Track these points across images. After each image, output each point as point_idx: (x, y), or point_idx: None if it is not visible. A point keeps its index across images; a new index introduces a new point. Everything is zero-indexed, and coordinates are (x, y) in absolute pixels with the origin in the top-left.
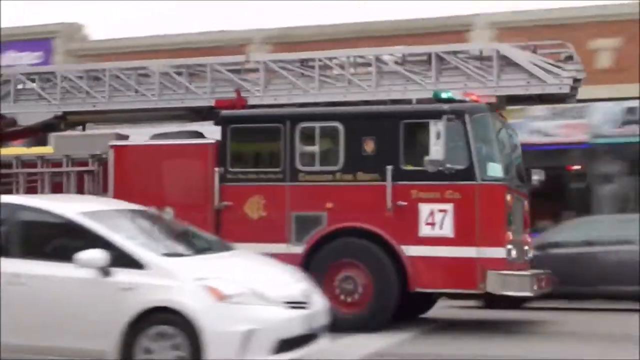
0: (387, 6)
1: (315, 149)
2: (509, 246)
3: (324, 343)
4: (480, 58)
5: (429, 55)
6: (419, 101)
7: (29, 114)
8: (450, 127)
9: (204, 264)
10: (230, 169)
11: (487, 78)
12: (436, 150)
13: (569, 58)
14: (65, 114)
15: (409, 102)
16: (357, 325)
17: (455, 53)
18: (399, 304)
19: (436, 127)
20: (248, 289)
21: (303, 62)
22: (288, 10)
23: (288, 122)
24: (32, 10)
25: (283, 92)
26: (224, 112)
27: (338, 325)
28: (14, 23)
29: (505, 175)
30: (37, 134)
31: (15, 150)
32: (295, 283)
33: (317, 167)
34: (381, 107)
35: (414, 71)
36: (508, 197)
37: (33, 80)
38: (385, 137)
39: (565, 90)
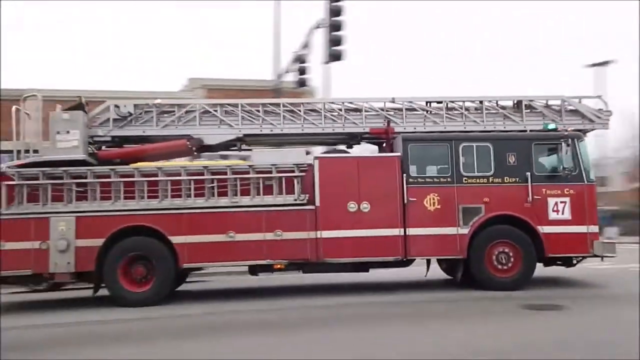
0: None
1: (473, 160)
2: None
3: None
4: (547, 106)
5: (519, 101)
6: (531, 131)
7: (214, 136)
8: (568, 147)
9: None
10: (412, 175)
11: (556, 118)
12: (566, 162)
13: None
14: (245, 135)
15: (523, 131)
16: (510, 286)
17: (533, 101)
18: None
19: (564, 147)
20: None
21: (427, 103)
22: None
23: (453, 142)
24: None
25: (419, 122)
26: (405, 133)
27: (495, 288)
28: None
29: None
30: (217, 151)
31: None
32: None
33: (476, 173)
34: (519, 134)
35: (507, 113)
36: None
37: (216, 110)
38: (522, 153)
39: (607, 127)
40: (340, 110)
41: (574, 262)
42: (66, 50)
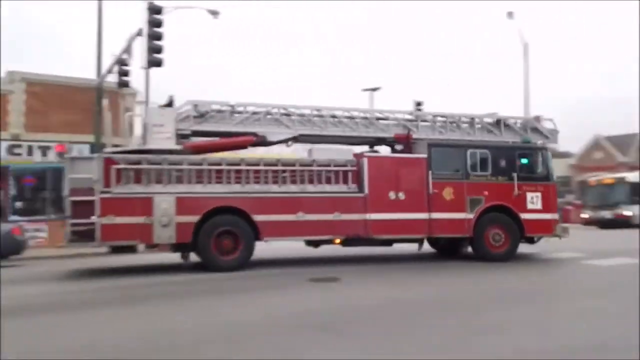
0: None
1: (477, 163)
2: None
3: None
4: (515, 123)
5: (499, 120)
6: (514, 143)
7: (274, 134)
8: (541, 156)
9: None
10: (435, 172)
11: (524, 134)
12: (539, 167)
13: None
14: (300, 135)
15: (505, 142)
16: (502, 259)
17: (507, 120)
18: None
19: (540, 155)
20: None
21: (435, 115)
22: None
23: (463, 148)
24: None
25: (428, 132)
26: (430, 139)
27: (491, 260)
28: None
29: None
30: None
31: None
32: None
33: (478, 172)
34: (507, 144)
35: (490, 128)
36: None
37: (276, 112)
38: (510, 159)
39: (556, 143)
40: (371, 118)
41: (535, 240)
42: None
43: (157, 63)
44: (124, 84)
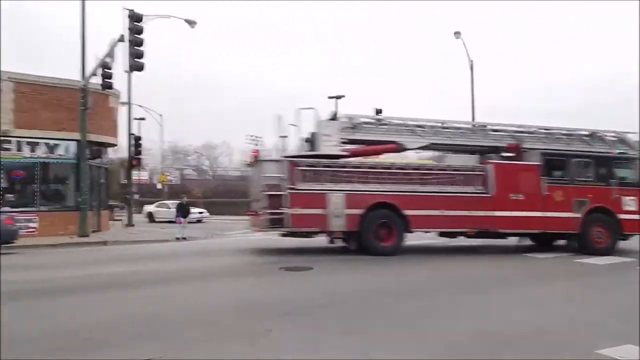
0: None
1: (581, 170)
2: None
3: None
4: (606, 136)
5: (593, 132)
6: (606, 152)
7: (411, 142)
8: (634, 164)
9: None
10: (546, 177)
11: (613, 145)
12: (632, 174)
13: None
14: (431, 144)
15: (603, 152)
16: (603, 253)
17: (599, 132)
18: None
19: (633, 164)
20: None
21: (538, 128)
22: None
23: (570, 157)
24: None
25: (534, 142)
26: (543, 150)
27: (594, 253)
28: None
29: None
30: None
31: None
32: None
33: (583, 178)
34: (607, 154)
35: (585, 139)
36: None
37: (411, 124)
38: (609, 167)
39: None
40: (487, 129)
41: (628, 238)
42: None
43: (139, 67)
44: (107, 86)
